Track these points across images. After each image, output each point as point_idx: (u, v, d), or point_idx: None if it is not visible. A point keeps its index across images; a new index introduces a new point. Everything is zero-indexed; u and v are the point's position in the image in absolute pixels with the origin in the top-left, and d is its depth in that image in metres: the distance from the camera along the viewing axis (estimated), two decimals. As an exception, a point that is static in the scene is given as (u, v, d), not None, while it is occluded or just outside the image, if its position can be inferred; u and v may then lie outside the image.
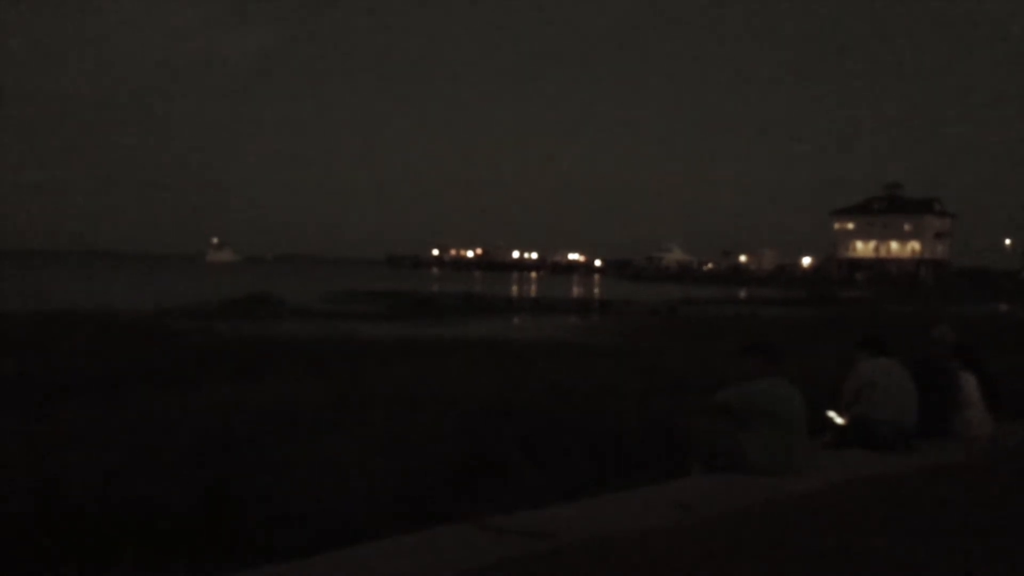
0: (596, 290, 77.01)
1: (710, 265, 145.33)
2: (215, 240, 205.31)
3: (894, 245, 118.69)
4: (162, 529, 5.21)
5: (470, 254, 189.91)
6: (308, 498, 5.67)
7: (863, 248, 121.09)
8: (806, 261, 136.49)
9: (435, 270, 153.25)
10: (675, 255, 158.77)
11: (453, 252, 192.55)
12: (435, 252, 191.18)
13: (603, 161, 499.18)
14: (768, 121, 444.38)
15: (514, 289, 72.10)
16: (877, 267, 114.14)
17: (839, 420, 7.33)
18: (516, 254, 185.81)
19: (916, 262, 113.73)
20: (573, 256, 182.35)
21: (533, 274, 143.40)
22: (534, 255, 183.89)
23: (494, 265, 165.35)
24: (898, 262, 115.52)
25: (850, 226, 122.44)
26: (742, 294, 69.22)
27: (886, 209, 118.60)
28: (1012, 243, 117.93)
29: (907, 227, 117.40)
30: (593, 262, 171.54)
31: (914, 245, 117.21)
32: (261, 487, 5.81)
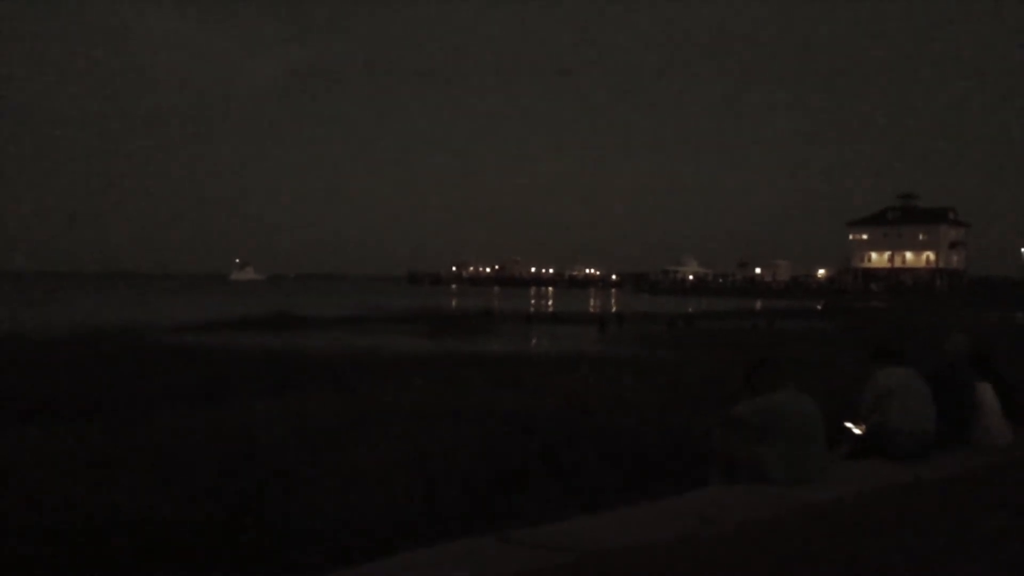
0: (613, 303, 76.84)
1: (731, 277, 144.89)
2: (238, 260, 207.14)
3: (909, 255, 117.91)
4: (187, 545, 5.30)
5: (488, 270, 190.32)
6: (331, 513, 5.76)
7: (878, 258, 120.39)
8: (821, 272, 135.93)
9: (454, 286, 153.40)
10: (691, 268, 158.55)
11: (472, 268, 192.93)
12: (454, 269, 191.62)
13: (618, 176, 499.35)
14: (782, 132, 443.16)
15: (532, 304, 72.08)
16: (892, 277, 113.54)
17: (856, 430, 7.35)
18: (533, 269, 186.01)
19: (931, 272, 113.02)
20: (590, 270, 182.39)
21: (550, 289, 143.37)
22: (551, 270, 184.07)
23: (512, 280, 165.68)
24: (913, 272, 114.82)
25: (864, 237, 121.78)
26: (758, 306, 68.93)
27: (901, 219, 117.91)
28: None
29: (922, 237, 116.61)
30: (610, 276, 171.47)
31: (929, 255, 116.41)
32: (285, 503, 5.91)
